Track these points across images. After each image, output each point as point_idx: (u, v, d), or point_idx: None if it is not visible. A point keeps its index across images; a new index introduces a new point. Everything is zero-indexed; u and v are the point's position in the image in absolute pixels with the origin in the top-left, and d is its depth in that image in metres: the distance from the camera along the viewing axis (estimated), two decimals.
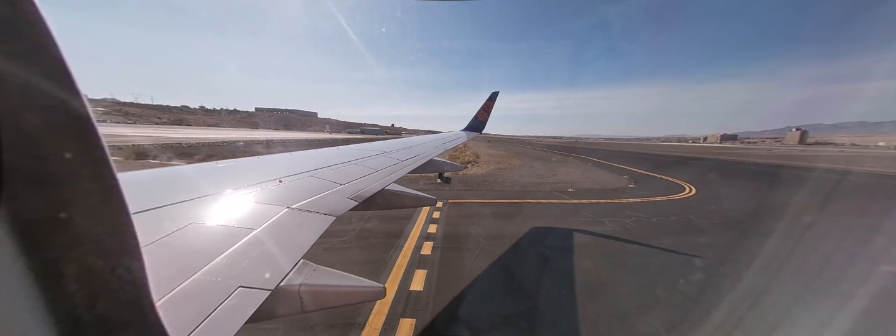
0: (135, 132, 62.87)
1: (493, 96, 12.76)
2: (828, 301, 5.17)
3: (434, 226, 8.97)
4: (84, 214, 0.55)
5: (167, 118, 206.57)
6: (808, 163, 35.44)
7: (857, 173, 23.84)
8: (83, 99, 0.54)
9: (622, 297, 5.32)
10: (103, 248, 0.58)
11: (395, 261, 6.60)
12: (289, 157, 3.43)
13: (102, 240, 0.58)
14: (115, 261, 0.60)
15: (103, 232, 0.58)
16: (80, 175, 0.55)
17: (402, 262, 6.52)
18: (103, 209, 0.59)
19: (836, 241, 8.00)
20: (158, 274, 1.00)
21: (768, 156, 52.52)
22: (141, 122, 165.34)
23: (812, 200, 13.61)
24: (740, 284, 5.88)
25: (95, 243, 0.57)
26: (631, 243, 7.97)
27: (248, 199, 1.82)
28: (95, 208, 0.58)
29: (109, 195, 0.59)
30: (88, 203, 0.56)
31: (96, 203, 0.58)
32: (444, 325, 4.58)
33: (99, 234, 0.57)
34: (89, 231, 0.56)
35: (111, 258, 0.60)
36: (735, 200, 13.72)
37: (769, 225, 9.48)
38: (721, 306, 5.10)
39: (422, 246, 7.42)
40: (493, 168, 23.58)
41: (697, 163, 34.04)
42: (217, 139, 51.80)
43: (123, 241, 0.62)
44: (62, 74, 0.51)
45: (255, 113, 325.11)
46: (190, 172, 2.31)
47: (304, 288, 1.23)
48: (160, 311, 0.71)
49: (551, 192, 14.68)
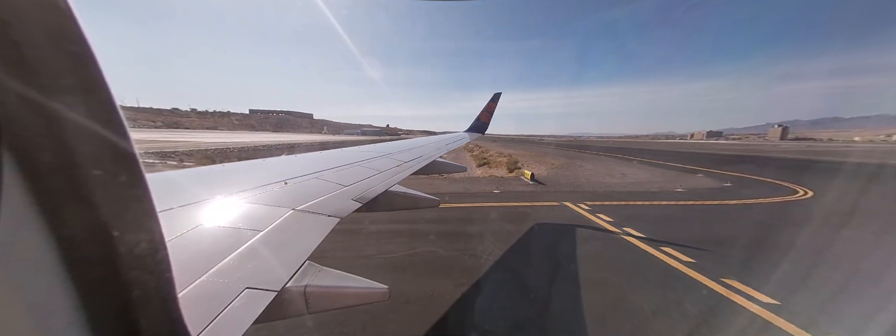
0: (146, 136, 62.78)
1: (495, 97, 12.76)
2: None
3: (631, 231, 8.65)
4: (119, 217, 0.57)
5: (161, 121, 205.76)
6: (844, 158, 35.45)
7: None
8: (116, 103, 0.55)
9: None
10: (137, 249, 0.60)
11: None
12: (293, 159, 3.46)
13: (136, 242, 0.60)
14: (147, 262, 0.62)
15: (137, 234, 0.60)
16: (115, 178, 0.57)
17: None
18: (137, 212, 0.61)
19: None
20: None
21: (788, 151, 52.20)
22: (137, 126, 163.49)
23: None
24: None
25: (129, 245, 0.59)
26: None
27: (254, 201, 1.84)
28: (129, 211, 0.59)
29: (142, 198, 0.61)
30: (123, 206, 0.58)
31: (130, 206, 0.60)
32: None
33: (133, 237, 0.59)
34: (124, 233, 0.58)
35: (144, 259, 0.61)
36: (882, 200, 12.71)
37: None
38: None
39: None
40: (546, 169, 23.01)
41: (738, 160, 33.64)
42: (246, 143, 50.90)
43: (154, 244, 0.64)
44: (97, 79, 0.52)
45: (250, 115, 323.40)
46: (196, 175, 2.33)
47: (310, 289, 1.24)
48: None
49: (662, 193, 14.37)
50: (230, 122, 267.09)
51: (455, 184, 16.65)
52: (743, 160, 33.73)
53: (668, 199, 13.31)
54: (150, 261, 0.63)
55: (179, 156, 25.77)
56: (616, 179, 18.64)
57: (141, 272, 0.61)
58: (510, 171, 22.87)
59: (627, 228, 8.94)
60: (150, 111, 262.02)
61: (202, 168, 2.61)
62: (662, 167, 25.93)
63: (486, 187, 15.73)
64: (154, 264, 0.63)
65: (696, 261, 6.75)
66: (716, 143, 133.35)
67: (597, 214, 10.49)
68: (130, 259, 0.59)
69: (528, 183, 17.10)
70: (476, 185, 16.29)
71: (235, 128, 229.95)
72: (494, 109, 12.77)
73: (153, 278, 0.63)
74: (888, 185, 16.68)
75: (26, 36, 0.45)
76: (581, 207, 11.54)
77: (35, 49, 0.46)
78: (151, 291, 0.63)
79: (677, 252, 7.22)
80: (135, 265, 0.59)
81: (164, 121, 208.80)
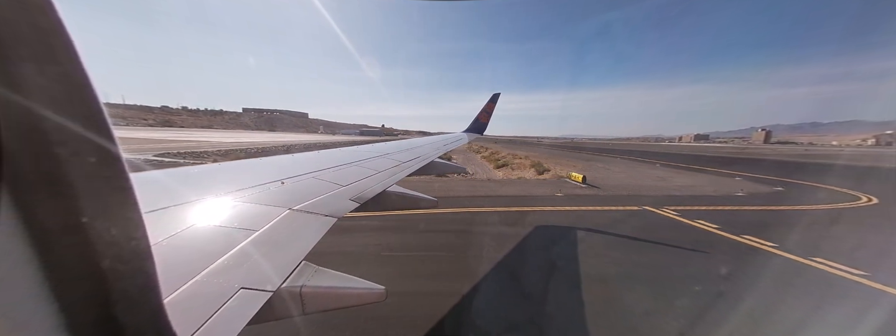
0: (155, 135, 61.78)
1: (494, 98, 12.77)
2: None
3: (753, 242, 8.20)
4: (99, 216, 0.56)
5: (153, 119, 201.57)
6: (856, 161, 35.47)
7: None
8: (100, 101, 0.54)
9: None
10: (117, 249, 0.58)
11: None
12: (290, 158, 3.44)
13: (117, 241, 0.58)
14: (128, 262, 0.61)
15: (118, 233, 0.58)
16: (96, 176, 0.55)
17: None
18: (118, 211, 0.59)
19: None
20: (160, 275, 1.00)
21: (787, 154, 52.23)
22: (130, 125, 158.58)
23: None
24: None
25: (110, 245, 0.57)
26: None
27: (251, 200, 1.82)
28: (111, 210, 0.58)
29: (124, 197, 0.59)
30: (104, 205, 0.57)
31: (112, 205, 0.58)
32: None
33: (113, 236, 0.58)
34: (104, 232, 0.56)
35: (125, 259, 0.60)
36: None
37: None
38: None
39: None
40: (575, 172, 21.27)
41: (750, 162, 33.49)
42: (264, 143, 49.62)
43: (136, 243, 0.62)
44: (80, 77, 0.51)
45: (243, 113, 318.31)
46: (192, 174, 2.31)
47: (306, 290, 1.23)
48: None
49: (727, 197, 13.96)
50: (224, 120, 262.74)
51: (506, 186, 16.20)
52: (756, 163, 33.49)
53: (742, 203, 12.99)
54: (132, 260, 0.61)
55: (213, 155, 24.89)
56: (660, 183, 18.29)
57: (122, 272, 0.59)
58: (540, 173, 21.93)
59: (750, 237, 8.44)
60: (139, 109, 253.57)
61: (200, 167, 2.58)
62: (687, 170, 25.69)
63: (543, 190, 15.26)
64: (137, 264, 0.62)
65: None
66: (710, 145, 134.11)
67: (697, 220, 10.14)
68: (112, 259, 0.57)
69: (580, 186, 16.57)
70: (530, 188, 15.80)
71: (231, 126, 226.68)
72: (493, 110, 12.78)
73: (135, 279, 0.62)
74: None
75: (5, 31, 0.43)
76: (668, 212, 11.15)
77: (15, 45, 0.44)
78: (134, 293, 0.62)
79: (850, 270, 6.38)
80: (116, 265, 0.58)
81: (156, 119, 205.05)
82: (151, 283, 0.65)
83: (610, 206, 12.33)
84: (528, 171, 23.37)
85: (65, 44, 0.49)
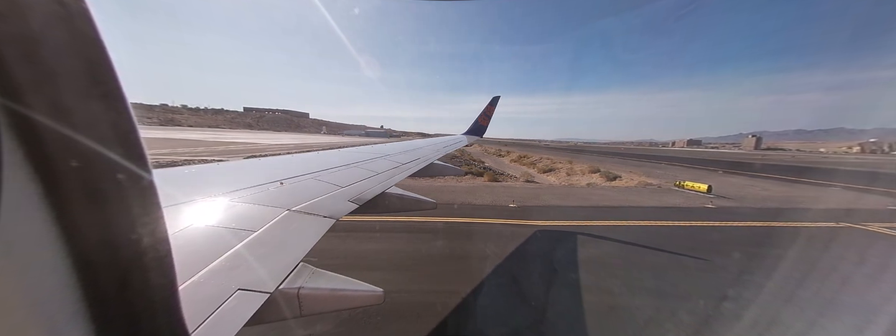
0: (176, 135, 60.40)
1: (494, 100, 12.79)
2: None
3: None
4: (125, 212, 0.58)
5: (156, 118, 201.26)
6: (880, 168, 34.03)
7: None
8: (126, 100, 0.56)
9: None
10: (140, 245, 0.60)
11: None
12: (290, 159, 3.43)
13: (140, 237, 0.60)
14: (151, 259, 0.62)
15: (142, 230, 0.60)
16: (125, 178, 0.57)
17: None
18: (142, 208, 0.61)
19: None
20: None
21: (807, 161, 50.52)
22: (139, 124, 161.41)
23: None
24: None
25: (134, 241, 0.59)
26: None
27: (249, 200, 1.81)
28: (138, 210, 0.60)
29: (148, 194, 0.62)
30: (130, 202, 0.59)
31: (139, 205, 0.60)
32: None
33: (137, 232, 0.60)
34: (129, 228, 0.59)
35: (147, 256, 0.62)
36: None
37: None
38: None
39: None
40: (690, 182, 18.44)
41: (787, 169, 30.83)
42: (287, 145, 48.39)
43: (159, 242, 0.64)
44: (109, 77, 0.53)
45: (245, 113, 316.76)
46: (191, 174, 2.31)
47: (304, 291, 1.22)
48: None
49: (884, 212, 11.76)
50: (227, 119, 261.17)
51: (616, 194, 14.32)
52: (809, 171, 29.59)
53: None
54: (155, 259, 0.63)
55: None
56: (766, 193, 16.07)
57: (145, 270, 0.61)
58: (610, 179, 19.55)
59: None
60: (141, 107, 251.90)
61: (199, 167, 2.58)
62: (753, 177, 22.69)
63: (674, 199, 13.32)
64: (158, 263, 0.64)
65: None
66: (714, 151, 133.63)
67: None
68: (137, 257, 0.59)
69: (708, 196, 14.28)
70: (663, 198, 13.68)
71: (236, 126, 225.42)
72: (493, 113, 12.80)
73: (157, 276, 0.64)
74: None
75: (44, 36, 0.45)
76: (878, 229, 9.09)
77: (53, 49, 0.46)
78: (155, 290, 0.64)
79: None
80: (140, 263, 0.60)
81: (159, 117, 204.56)
82: (171, 281, 0.68)
83: (797, 221, 10.28)
84: (586, 177, 20.78)
85: (99, 48, 0.51)
